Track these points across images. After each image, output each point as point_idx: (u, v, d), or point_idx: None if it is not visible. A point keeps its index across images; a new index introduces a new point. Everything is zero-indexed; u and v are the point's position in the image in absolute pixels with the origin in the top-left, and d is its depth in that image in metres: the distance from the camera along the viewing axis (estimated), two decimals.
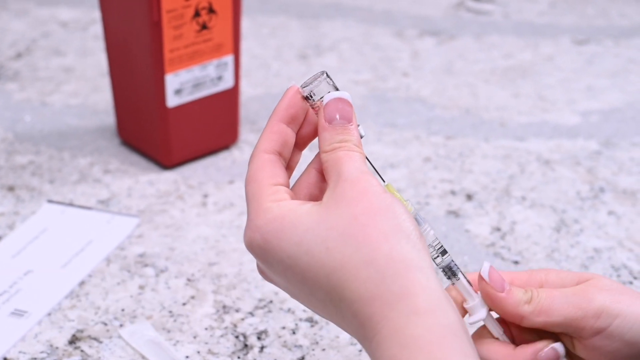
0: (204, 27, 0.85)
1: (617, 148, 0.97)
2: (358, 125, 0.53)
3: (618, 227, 0.83)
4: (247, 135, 0.96)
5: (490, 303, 0.55)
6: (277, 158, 0.53)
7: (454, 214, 0.84)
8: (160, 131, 0.88)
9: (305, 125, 0.55)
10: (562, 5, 1.35)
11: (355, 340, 0.69)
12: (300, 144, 0.55)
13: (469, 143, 0.97)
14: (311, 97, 0.53)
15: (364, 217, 0.48)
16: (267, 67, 1.13)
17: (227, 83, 0.90)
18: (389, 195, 0.50)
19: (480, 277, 0.55)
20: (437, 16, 1.30)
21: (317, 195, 0.54)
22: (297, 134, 0.55)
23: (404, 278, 0.47)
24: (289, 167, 0.55)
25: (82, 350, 0.67)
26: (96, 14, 1.24)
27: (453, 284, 0.56)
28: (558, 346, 0.55)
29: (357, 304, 0.47)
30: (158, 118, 0.87)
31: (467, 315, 0.57)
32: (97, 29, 1.21)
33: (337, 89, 0.53)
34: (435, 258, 0.54)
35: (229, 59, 0.89)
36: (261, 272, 0.54)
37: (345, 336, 0.69)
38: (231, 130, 0.93)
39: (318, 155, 0.54)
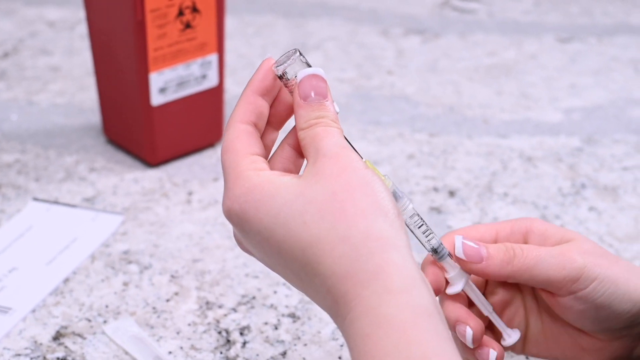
0: (187, 26, 0.86)
1: (598, 145, 0.98)
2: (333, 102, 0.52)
3: (599, 223, 0.84)
4: None
5: (472, 272, 0.56)
6: (253, 129, 0.53)
7: (437, 210, 0.85)
8: (145, 129, 0.89)
9: (279, 104, 0.54)
10: (546, 4, 1.36)
11: (336, 335, 0.69)
12: (275, 123, 0.55)
13: (452, 140, 0.98)
14: (284, 75, 0.53)
15: (342, 193, 0.48)
16: (253, 66, 1.14)
17: (212, 81, 0.91)
18: (369, 171, 0.49)
19: (457, 258, 0.56)
20: (422, 15, 1.31)
21: (292, 170, 0.54)
22: (272, 113, 0.54)
23: (379, 256, 0.47)
24: (266, 146, 0.55)
25: (66, 347, 0.68)
26: (83, 14, 1.25)
27: (434, 257, 0.56)
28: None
29: (331, 280, 0.47)
30: (143, 116, 0.88)
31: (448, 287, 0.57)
32: (84, 28, 1.21)
33: (309, 67, 0.52)
34: (414, 231, 0.55)
35: (213, 57, 0.89)
36: (238, 241, 0.54)
37: (326, 331, 0.70)
38: (216, 129, 0.94)
39: (292, 132, 0.54)
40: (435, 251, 0.55)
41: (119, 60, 0.87)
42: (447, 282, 0.57)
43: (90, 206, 0.85)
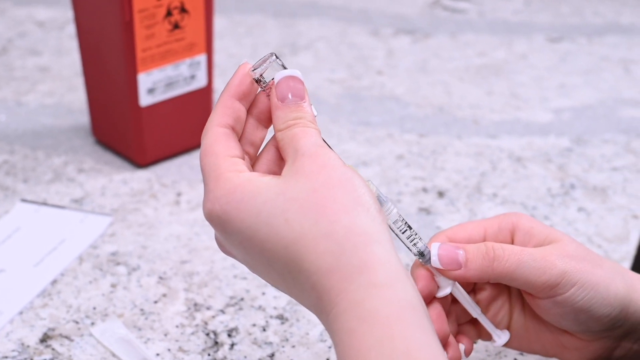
0: (176, 26, 0.86)
1: (588, 145, 0.98)
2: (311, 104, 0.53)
3: (588, 224, 0.84)
4: None
5: (453, 279, 0.56)
6: (231, 132, 0.53)
7: (426, 211, 0.85)
8: (134, 130, 0.88)
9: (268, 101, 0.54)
10: (537, 3, 1.36)
11: (324, 337, 0.69)
12: (264, 120, 0.55)
13: (441, 141, 0.98)
14: (262, 79, 0.53)
15: (323, 190, 0.48)
16: None
17: (200, 82, 0.90)
18: (348, 168, 0.50)
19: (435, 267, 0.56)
20: (412, 15, 1.30)
21: (276, 172, 0.54)
22: (262, 109, 0.54)
23: (363, 251, 0.47)
24: (254, 143, 0.55)
25: (53, 349, 0.68)
26: (72, 14, 1.24)
27: (421, 261, 0.56)
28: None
29: (316, 275, 0.47)
30: (131, 117, 0.88)
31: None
32: (74, 28, 1.21)
33: (285, 69, 0.53)
34: (399, 236, 0.55)
35: (201, 58, 0.89)
36: (219, 244, 0.54)
37: (315, 333, 0.70)
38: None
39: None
40: (421, 254, 0.55)
41: (107, 60, 0.87)
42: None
43: (79, 207, 0.84)
